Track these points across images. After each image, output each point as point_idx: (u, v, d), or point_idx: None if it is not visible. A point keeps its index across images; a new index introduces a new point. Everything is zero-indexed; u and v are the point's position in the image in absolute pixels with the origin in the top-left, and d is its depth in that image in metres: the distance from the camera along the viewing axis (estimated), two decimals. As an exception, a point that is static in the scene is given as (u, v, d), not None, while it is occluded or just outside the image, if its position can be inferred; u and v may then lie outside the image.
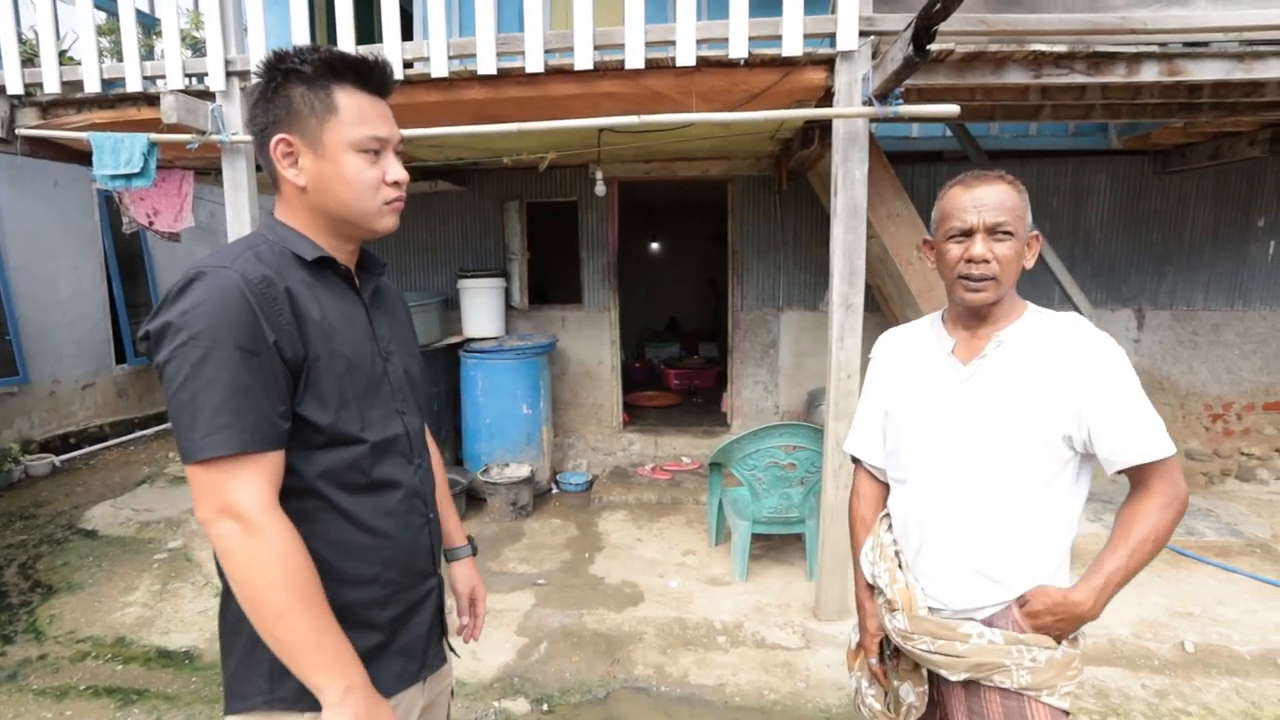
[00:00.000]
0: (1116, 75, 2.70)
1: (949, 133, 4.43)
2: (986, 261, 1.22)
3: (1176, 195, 4.66)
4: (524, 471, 4.38)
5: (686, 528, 4.16)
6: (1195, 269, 4.72)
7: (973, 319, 1.31)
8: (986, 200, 1.22)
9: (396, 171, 1.05)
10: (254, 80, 1.02)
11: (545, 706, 2.57)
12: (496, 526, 4.22)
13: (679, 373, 6.86)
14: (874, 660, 1.42)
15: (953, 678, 1.26)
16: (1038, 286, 4.80)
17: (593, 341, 5.29)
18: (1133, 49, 2.65)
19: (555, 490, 4.81)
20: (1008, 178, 1.25)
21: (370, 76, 1.02)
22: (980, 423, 1.25)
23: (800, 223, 4.94)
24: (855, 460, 1.55)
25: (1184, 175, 4.60)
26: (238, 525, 0.90)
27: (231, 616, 1.03)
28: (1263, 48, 2.62)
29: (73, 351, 6.02)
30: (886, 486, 1.47)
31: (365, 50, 2.87)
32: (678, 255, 9.32)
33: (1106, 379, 1.19)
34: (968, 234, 1.24)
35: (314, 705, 0.98)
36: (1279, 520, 4.18)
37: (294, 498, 0.97)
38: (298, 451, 0.98)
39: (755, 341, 5.17)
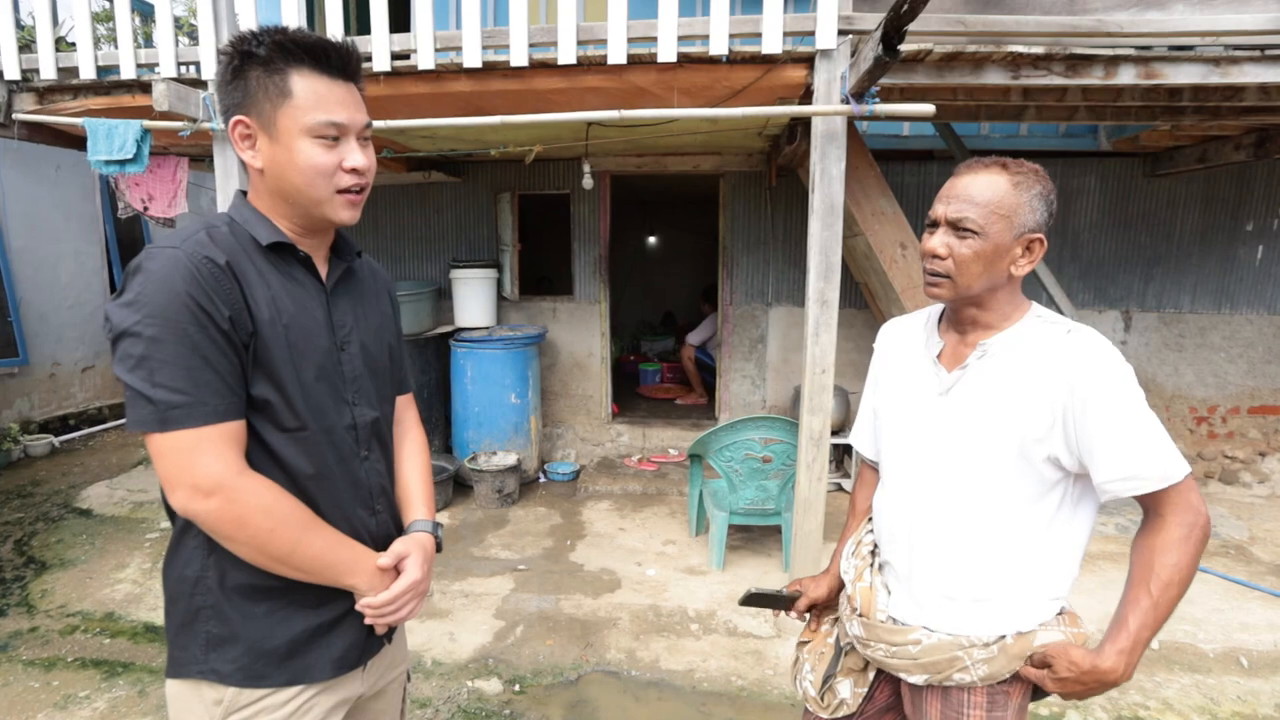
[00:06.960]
0: (1094, 77, 2.72)
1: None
2: (939, 257, 1.13)
3: (1165, 198, 4.67)
4: (510, 460, 4.44)
5: (669, 518, 4.22)
6: (1183, 272, 4.73)
7: (961, 321, 1.21)
8: (962, 192, 1.12)
9: (355, 158, 1.00)
10: (219, 61, 1.01)
11: (517, 687, 2.64)
12: (482, 513, 4.28)
13: (670, 366, 6.89)
14: (799, 612, 1.47)
15: (913, 680, 1.22)
16: (1025, 287, 4.82)
17: (583, 333, 5.33)
18: (1110, 52, 2.67)
19: (543, 479, 4.87)
20: (1013, 167, 1.11)
21: (328, 59, 0.98)
22: (956, 439, 1.17)
23: (790, 219, 4.96)
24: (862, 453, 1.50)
25: (1173, 178, 4.61)
26: (215, 498, 0.94)
27: (170, 585, 1.04)
28: (1239, 53, 2.64)
29: (73, 335, 6.11)
30: None
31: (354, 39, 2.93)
32: (675, 250, 9.35)
33: (1100, 395, 1.05)
34: (935, 225, 1.16)
35: (246, 681, 1.00)
36: (1258, 523, 4.22)
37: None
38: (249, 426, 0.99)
39: (744, 336, 5.21)
